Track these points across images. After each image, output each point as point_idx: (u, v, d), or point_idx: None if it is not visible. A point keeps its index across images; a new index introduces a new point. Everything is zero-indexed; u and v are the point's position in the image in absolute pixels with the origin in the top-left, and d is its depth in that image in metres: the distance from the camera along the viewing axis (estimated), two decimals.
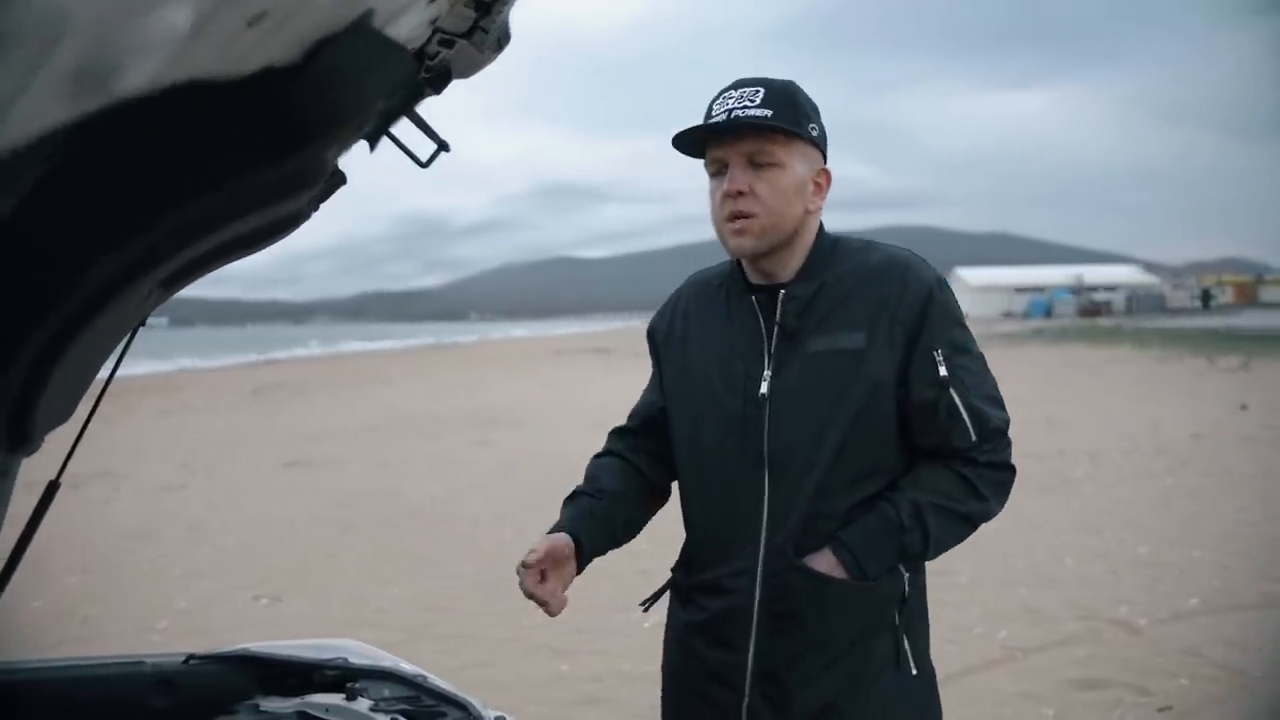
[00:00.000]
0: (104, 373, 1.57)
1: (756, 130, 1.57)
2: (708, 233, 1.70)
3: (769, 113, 1.56)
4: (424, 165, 1.07)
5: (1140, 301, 71.98)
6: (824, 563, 1.57)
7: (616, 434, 1.87)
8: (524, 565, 1.58)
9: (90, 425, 1.52)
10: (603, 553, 1.72)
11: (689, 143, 1.66)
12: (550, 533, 1.66)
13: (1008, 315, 72.03)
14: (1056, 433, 11.54)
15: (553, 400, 17.39)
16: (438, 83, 1.10)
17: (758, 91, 1.58)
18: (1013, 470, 1.67)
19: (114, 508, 8.67)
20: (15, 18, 0.33)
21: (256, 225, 0.79)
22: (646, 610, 1.80)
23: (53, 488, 1.50)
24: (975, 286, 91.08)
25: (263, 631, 5.03)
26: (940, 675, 4.26)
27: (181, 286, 1.11)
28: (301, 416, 16.72)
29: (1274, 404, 13.18)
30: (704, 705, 1.66)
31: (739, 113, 1.56)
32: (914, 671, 1.63)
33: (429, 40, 0.94)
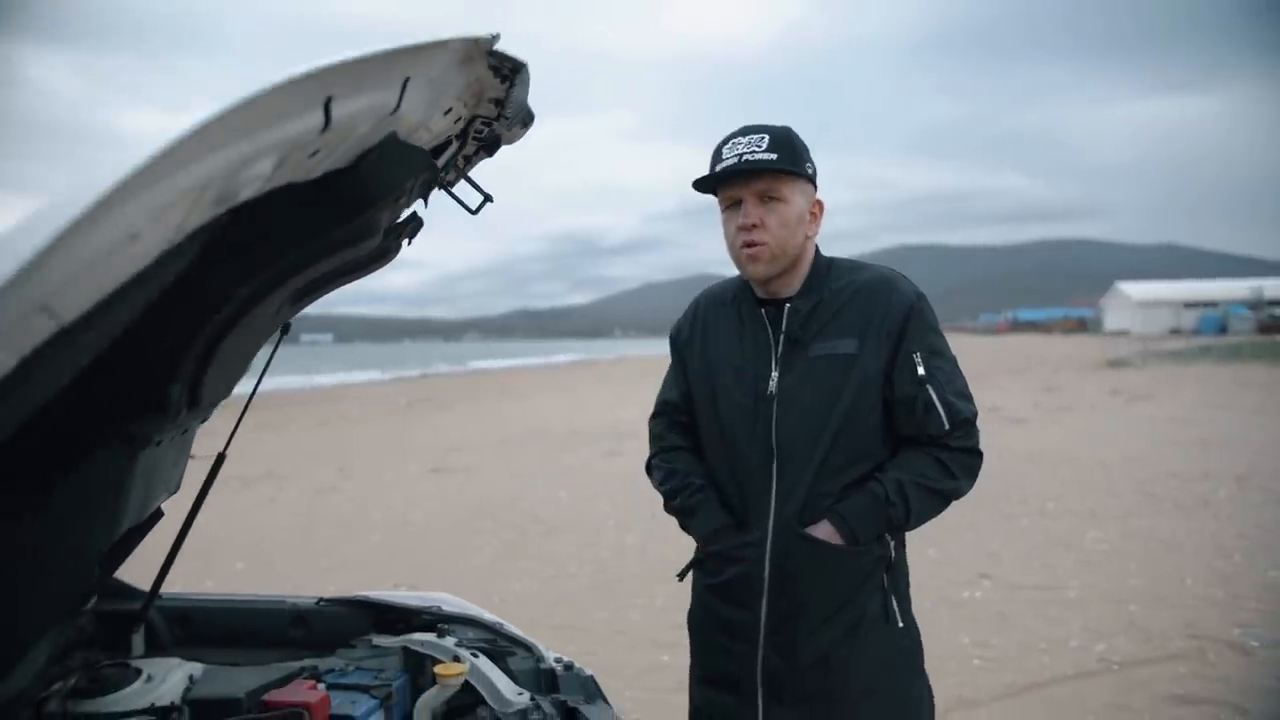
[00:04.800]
0: (258, 370, 2.02)
1: (765, 172, 1.86)
2: (864, 246, 1.95)
3: (774, 156, 1.84)
4: (474, 212, 1.43)
5: None
6: (823, 531, 1.85)
7: (673, 426, 2.12)
8: None
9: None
10: None
11: (704, 183, 1.94)
12: (720, 525, 1.94)
13: (1175, 332, 67.36)
14: (1208, 454, 11.00)
15: None
16: (491, 147, 1.47)
17: (763, 138, 1.86)
18: (980, 455, 1.92)
19: (278, 505, 9.60)
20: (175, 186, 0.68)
21: (344, 260, 1.16)
22: (681, 580, 2.08)
23: (220, 458, 1.94)
24: (1139, 301, 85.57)
25: None
26: (1025, 682, 4.34)
27: (307, 302, 1.51)
28: (446, 428, 17.73)
29: None
30: (726, 657, 1.95)
31: (749, 157, 1.85)
32: (900, 624, 1.90)
33: (473, 122, 1.30)
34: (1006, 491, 8.87)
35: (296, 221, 0.99)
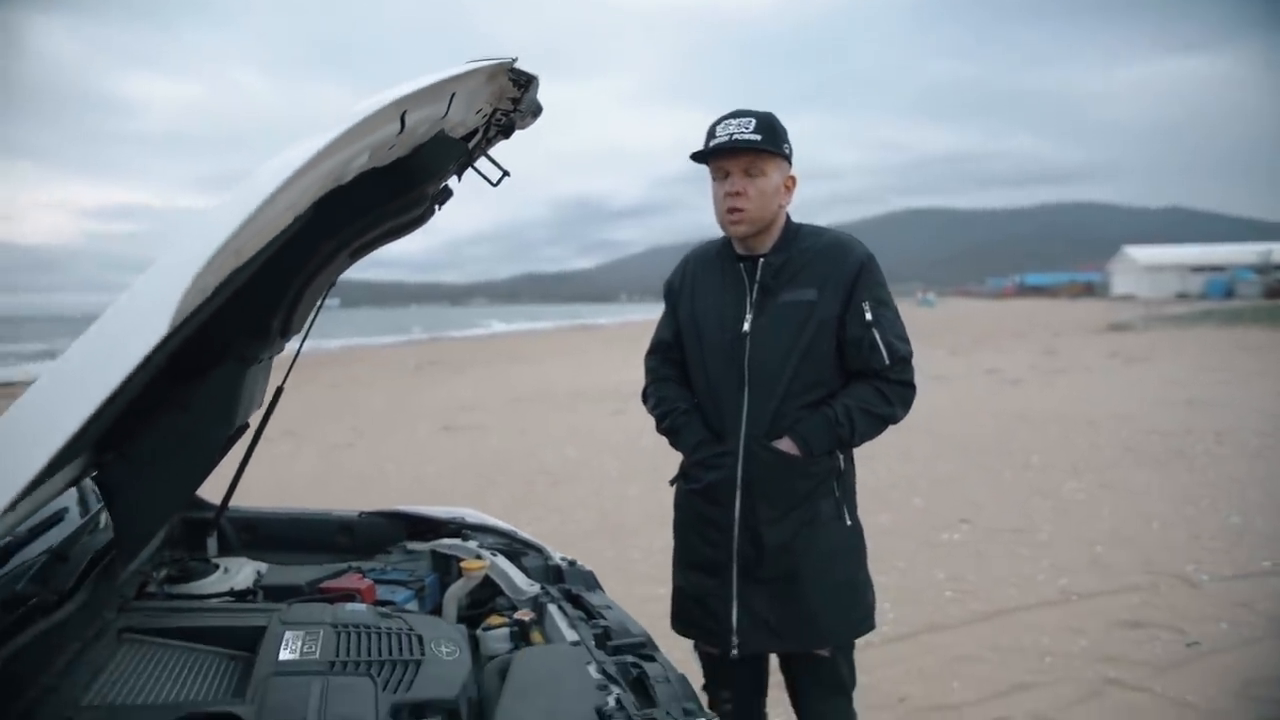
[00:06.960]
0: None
1: (750, 150, 2.22)
2: (869, 210, 2.30)
3: (759, 137, 2.22)
4: (494, 185, 1.79)
5: None
6: (784, 444, 2.27)
7: (666, 361, 2.54)
8: None
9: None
10: None
11: (700, 156, 2.31)
12: (700, 439, 2.35)
13: (1182, 296, 67.25)
14: (1193, 413, 11.35)
15: None
16: (507, 131, 1.82)
17: (750, 121, 2.24)
18: (913, 387, 2.33)
19: (297, 461, 10.03)
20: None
21: (395, 223, 1.53)
22: (672, 485, 2.51)
23: (279, 391, 2.32)
24: (1145, 266, 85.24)
25: None
26: (992, 610, 4.75)
27: (362, 256, 1.88)
28: (455, 389, 18.17)
29: None
30: (706, 545, 2.37)
31: (738, 137, 2.22)
32: (849, 522, 2.34)
33: (494, 114, 1.66)
34: (995, 448, 9.26)
35: (371, 194, 1.36)
